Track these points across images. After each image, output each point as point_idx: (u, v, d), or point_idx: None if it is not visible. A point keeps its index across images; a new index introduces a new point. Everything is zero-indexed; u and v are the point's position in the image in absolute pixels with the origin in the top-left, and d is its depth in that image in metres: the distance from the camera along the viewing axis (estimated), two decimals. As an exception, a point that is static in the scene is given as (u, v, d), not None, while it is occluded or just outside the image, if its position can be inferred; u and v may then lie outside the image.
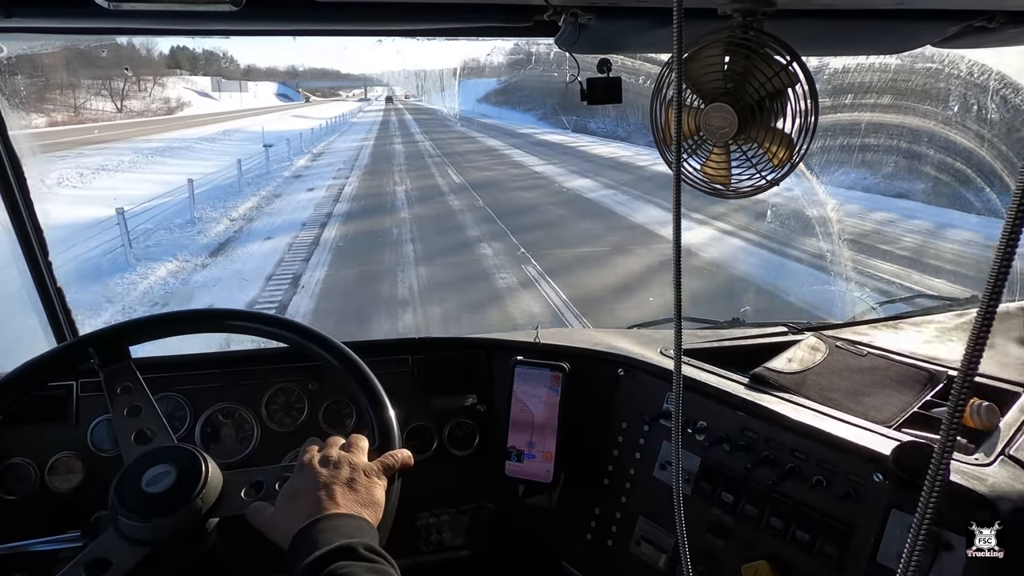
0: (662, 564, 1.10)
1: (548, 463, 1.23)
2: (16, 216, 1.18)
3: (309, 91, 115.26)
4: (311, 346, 0.97)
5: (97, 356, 0.92)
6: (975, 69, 4.43)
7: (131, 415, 0.88)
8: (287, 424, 1.27)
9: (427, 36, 1.06)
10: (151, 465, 0.78)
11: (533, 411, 1.25)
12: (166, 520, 0.73)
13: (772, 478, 0.98)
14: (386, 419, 0.88)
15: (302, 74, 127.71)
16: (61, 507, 1.14)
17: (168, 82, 59.25)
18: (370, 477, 0.76)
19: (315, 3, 0.83)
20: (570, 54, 1.00)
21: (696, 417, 1.10)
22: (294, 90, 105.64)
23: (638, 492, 1.18)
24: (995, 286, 0.41)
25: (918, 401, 1.08)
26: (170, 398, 1.22)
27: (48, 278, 1.24)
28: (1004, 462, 0.88)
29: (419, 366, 1.35)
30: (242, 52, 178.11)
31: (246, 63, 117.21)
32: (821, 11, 0.89)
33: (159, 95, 55.53)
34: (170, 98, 55.72)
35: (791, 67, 0.82)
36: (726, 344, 1.35)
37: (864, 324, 1.50)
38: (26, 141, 1.17)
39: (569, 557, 1.25)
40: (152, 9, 0.78)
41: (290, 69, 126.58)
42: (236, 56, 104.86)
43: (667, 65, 0.89)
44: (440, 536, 1.34)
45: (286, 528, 0.69)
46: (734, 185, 0.93)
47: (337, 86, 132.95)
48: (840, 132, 10.32)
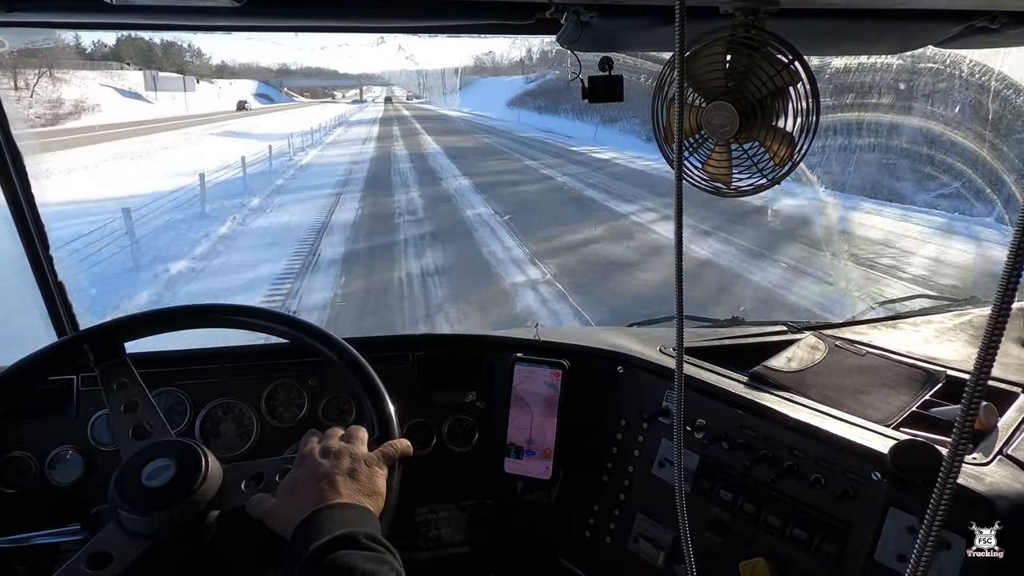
0: (660, 562, 1.10)
1: (547, 460, 1.24)
2: (17, 210, 1.18)
3: (296, 91, 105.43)
4: (310, 341, 0.97)
5: (92, 352, 0.92)
6: (976, 69, 4.42)
7: (128, 410, 0.88)
8: (287, 419, 1.27)
9: (428, 33, 1.06)
10: (151, 459, 0.78)
11: (532, 408, 1.25)
12: (166, 513, 0.73)
13: (770, 476, 0.99)
14: (385, 410, 0.88)
15: (294, 72, 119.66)
16: (61, 500, 1.14)
17: (77, 77, 40.88)
18: (371, 467, 0.76)
19: (315, 0, 0.83)
20: (571, 52, 1.00)
21: (695, 415, 1.11)
22: (277, 89, 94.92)
23: (637, 490, 1.18)
24: (1007, 288, 0.41)
25: (917, 401, 1.08)
26: (170, 393, 1.22)
27: (49, 272, 1.24)
28: (1002, 461, 0.89)
29: (419, 363, 1.35)
30: (220, 47, 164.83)
31: (221, 59, 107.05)
32: (823, 10, 0.89)
33: (50, 95, 36.09)
34: (66, 100, 36.80)
35: (793, 66, 0.82)
36: (725, 343, 1.35)
37: (863, 324, 1.50)
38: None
39: (567, 554, 1.25)
40: (154, 4, 0.78)
41: (281, 67, 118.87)
42: (207, 50, 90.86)
43: (669, 63, 0.89)
44: (439, 532, 1.34)
45: (288, 519, 0.69)
46: (735, 184, 0.93)
47: (331, 85, 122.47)
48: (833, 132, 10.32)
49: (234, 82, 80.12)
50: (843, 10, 0.91)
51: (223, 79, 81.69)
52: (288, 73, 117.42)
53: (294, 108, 62.63)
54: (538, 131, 30.08)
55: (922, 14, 0.91)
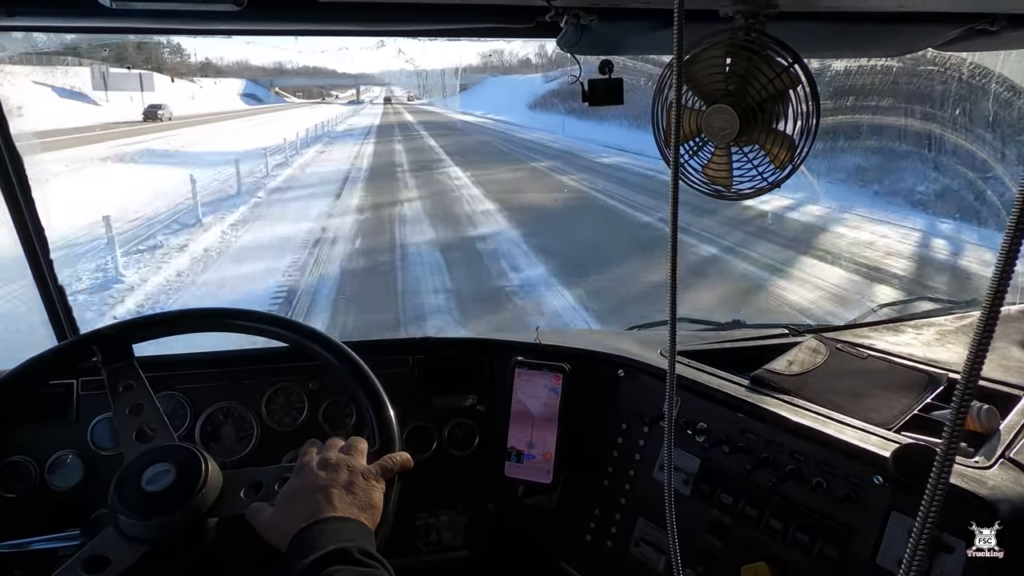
0: (661, 566, 1.10)
1: (548, 464, 1.23)
2: (17, 214, 1.18)
3: (288, 90, 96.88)
4: (312, 346, 0.97)
5: (100, 353, 0.92)
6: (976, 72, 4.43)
7: (133, 413, 0.88)
8: (287, 423, 1.27)
9: (428, 36, 1.07)
10: (151, 463, 0.78)
11: (533, 412, 1.25)
12: (165, 519, 0.73)
13: (772, 480, 0.98)
14: (386, 421, 0.88)
15: (288, 71, 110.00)
16: (60, 505, 1.14)
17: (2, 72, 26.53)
18: (368, 480, 0.76)
19: (317, 3, 0.83)
20: (572, 55, 1.00)
21: (696, 419, 1.10)
22: (267, 89, 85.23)
23: (638, 493, 1.18)
24: (997, 290, 0.41)
25: (918, 404, 1.08)
26: (170, 397, 1.22)
27: (49, 276, 1.24)
28: (1004, 465, 0.88)
29: (419, 366, 1.35)
30: (211, 44, 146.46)
31: (207, 56, 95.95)
32: (823, 13, 0.89)
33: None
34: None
35: (793, 69, 0.82)
36: (726, 346, 1.35)
37: (865, 326, 1.50)
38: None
39: (568, 558, 1.25)
40: (154, 8, 0.78)
41: (276, 66, 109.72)
42: (190, 47, 79.87)
43: (668, 66, 0.89)
44: (439, 536, 1.34)
45: (284, 530, 0.69)
46: (735, 187, 0.93)
47: (328, 85, 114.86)
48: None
49: (219, 81, 70.97)
50: (843, 13, 0.91)
51: (208, 77, 71.02)
52: (282, 72, 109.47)
53: (275, 112, 50.90)
54: (619, 153, 18.88)
55: (922, 17, 0.91)
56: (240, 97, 68.48)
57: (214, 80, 69.52)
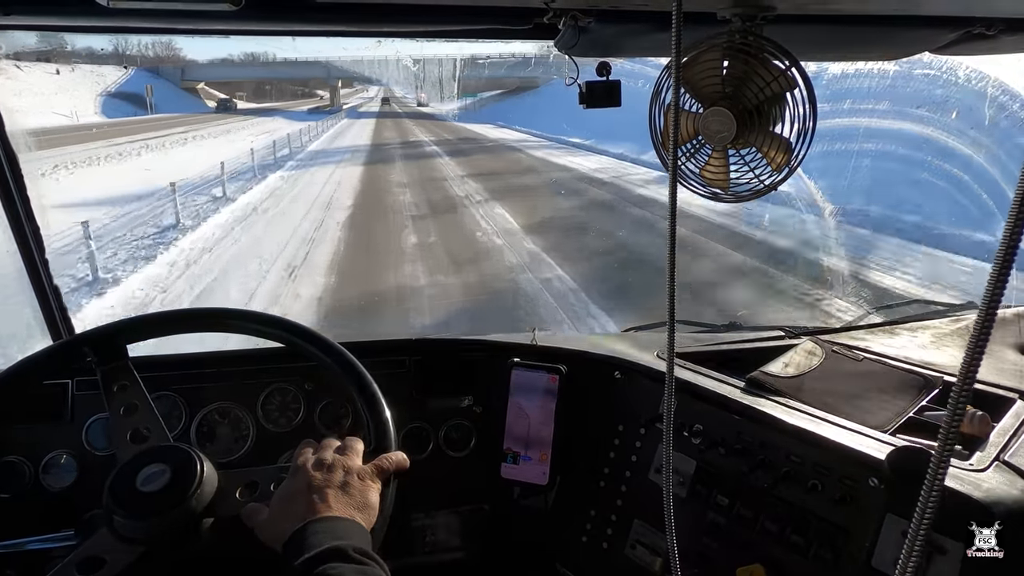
0: (657, 568, 1.10)
1: (544, 465, 1.23)
2: (12, 213, 1.17)
3: (217, 87, 55.46)
4: (308, 347, 0.97)
5: (94, 354, 0.91)
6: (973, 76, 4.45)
7: (127, 414, 0.87)
8: (283, 424, 1.27)
9: (426, 38, 1.07)
10: (146, 464, 0.77)
11: (529, 413, 1.25)
12: (160, 519, 0.73)
13: (768, 482, 0.98)
14: (382, 421, 0.88)
15: (229, 60, 64.37)
16: (55, 506, 1.14)
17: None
18: (364, 480, 0.76)
19: (314, 4, 0.83)
20: (570, 57, 1.00)
21: (692, 420, 1.11)
22: (178, 86, 50.03)
23: (633, 495, 1.18)
24: (994, 293, 0.41)
25: (914, 406, 1.08)
26: (166, 397, 1.22)
27: (44, 276, 1.23)
28: (999, 467, 0.89)
29: (416, 367, 1.35)
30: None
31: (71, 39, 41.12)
32: (820, 16, 0.89)
33: None
34: None
35: (790, 72, 0.82)
36: (723, 348, 1.35)
37: (861, 329, 1.50)
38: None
39: (564, 559, 1.25)
40: (151, 8, 0.78)
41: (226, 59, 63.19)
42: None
43: (666, 69, 0.89)
44: (435, 537, 1.33)
45: (279, 530, 0.69)
46: (732, 189, 0.93)
47: (298, 78, 66.40)
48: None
49: (77, 67, 40.95)
50: (840, 16, 0.91)
51: (63, 63, 39.67)
52: (223, 62, 63.77)
53: (146, 133, 24.77)
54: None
55: (919, 21, 0.92)
56: (101, 98, 40.25)
57: (71, 67, 40.63)
